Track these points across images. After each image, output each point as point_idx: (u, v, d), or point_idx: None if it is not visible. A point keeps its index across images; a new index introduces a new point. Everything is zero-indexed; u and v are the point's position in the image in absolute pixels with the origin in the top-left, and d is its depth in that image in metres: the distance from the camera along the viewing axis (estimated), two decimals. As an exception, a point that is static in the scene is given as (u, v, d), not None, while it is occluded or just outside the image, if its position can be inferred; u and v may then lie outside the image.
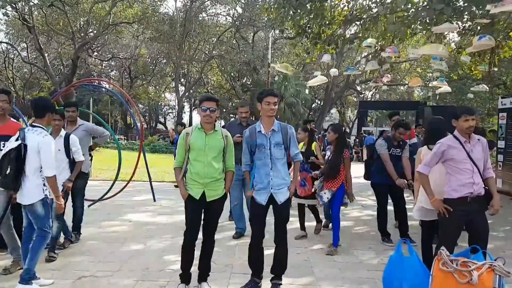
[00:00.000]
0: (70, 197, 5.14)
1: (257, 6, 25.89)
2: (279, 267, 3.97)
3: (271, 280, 3.96)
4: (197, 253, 3.92)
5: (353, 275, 4.49)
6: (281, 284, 3.96)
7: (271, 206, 3.95)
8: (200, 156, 3.74)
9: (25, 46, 32.09)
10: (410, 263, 3.63)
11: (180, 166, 3.87)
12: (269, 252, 4.08)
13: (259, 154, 3.90)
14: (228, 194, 4.10)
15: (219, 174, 3.82)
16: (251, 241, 3.98)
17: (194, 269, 3.96)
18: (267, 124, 3.92)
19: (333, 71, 11.74)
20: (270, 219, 3.95)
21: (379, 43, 9.64)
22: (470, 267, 3.16)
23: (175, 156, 4.09)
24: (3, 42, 32.12)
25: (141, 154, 8.87)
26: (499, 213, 3.88)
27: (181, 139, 3.83)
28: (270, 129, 3.89)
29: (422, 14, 6.87)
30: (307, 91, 19.28)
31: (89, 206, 7.96)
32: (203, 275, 3.94)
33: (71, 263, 4.64)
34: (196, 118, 49.15)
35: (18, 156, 3.82)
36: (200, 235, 3.90)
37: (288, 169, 4.20)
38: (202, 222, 3.88)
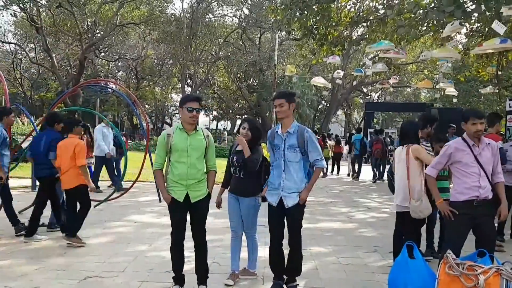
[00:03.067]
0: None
1: (264, 7, 25.91)
2: (293, 270, 3.93)
3: (285, 283, 3.93)
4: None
5: (358, 277, 4.46)
6: (298, 284, 3.95)
7: None
8: (183, 157, 3.69)
9: (33, 46, 32.37)
10: (416, 266, 3.60)
11: (161, 168, 3.81)
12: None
13: (276, 154, 3.90)
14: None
15: (201, 175, 3.78)
16: (270, 243, 3.97)
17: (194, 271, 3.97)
18: (284, 125, 3.88)
19: (338, 74, 11.72)
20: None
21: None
22: (476, 271, 3.12)
23: None
24: (12, 43, 32.44)
25: (147, 155, 8.90)
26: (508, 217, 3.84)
27: (162, 139, 3.75)
28: (286, 130, 3.84)
29: (433, 16, 6.83)
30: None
31: (95, 206, 7.98)
32: (202, 278, 3.90)
33: (76, 264, 4.66)
34: (202, 119, 49.28)
35: None
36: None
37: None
38: (191, 224, 3.85)
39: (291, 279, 3.93)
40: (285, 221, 3.90)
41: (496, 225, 3.85)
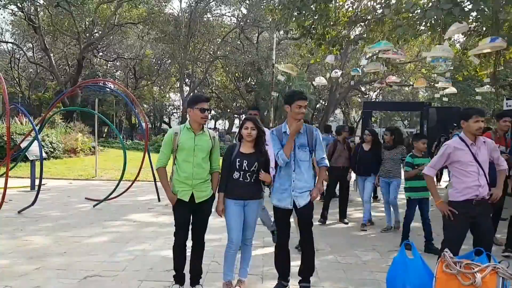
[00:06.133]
0: None
1: (262, 7, 25.91)
2: (306, 270, 3.93)
3: (299, 283, 3.95)
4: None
5: (356, 276, 4.49)
6: (309, 286, 3.93)
7: None
8: (189, 157, 3.71)
9: (31, 46, 32.36)
10: (414, 265, 3.62)
11: (164, 166, 3.80)
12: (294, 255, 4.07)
13: None
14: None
15: (207, 175, 3.81)
16: (277, 244, 3.98)
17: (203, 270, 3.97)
18: (293, 125, 3.84)
19: (335, 73, 11.73)
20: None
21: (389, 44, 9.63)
22: (473, 269, 3.15)
23: None
24: (9, 42, 32.37)
25: (146, 154, 8.92)
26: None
27: (169, 138, 3.75)
28: None
29: (432, 13, 6.84)
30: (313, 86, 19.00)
31: (94, 206, 8.01)
32: (196, 279, 3.93)
33: (76, 263, 4.68)
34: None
35: None
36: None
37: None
38: (192, 224, 3.86)
39: (306, 278, 3.93)
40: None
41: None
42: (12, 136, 13.51)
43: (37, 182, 8.11)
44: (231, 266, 3.92)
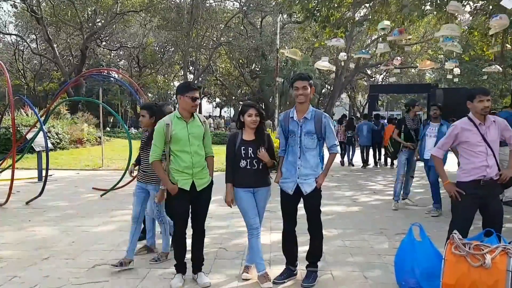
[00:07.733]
0: None
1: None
2: (313, 256, 3.90)
3: (306, 267, 3.93)
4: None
5: (364, 260, 4.48)
6: (316, 271, 3.90)
7: None
8: (186, 147, 3.66)
9: (34, 37, 32.30)
10: (422, 247, 3.59)
11: (160, 159, 3.74)
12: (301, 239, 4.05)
13: (290, 140, 3.79)
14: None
15: (204, 162, 3.80)
16: (284, 229, 3.96)
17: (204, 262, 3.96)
18: (300, 110, 3.75)
19: (342, 55, 11.59)
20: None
21: (390, 26, 9.49)
22: (483, 250, 3.12)
23: None
24: (13, 34, 32.34)
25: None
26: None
27: (161, 130, 3.66)
28: (303, 116, 3.72)
29: None
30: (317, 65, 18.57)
31: (101, 195, 8.05)
32: (198, 266, 3.92)
33: (84, 252, 4.70)
34: (205, 106, 49.16)
35: None
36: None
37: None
38: (193, 213, 3.84)
39: (314, 263, 3.91)
40: (298, 207, 3.86)
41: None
42: (18, 128, 13.57)
43: (44, 173, 8.15)
44: (260, 253, 3.85)
